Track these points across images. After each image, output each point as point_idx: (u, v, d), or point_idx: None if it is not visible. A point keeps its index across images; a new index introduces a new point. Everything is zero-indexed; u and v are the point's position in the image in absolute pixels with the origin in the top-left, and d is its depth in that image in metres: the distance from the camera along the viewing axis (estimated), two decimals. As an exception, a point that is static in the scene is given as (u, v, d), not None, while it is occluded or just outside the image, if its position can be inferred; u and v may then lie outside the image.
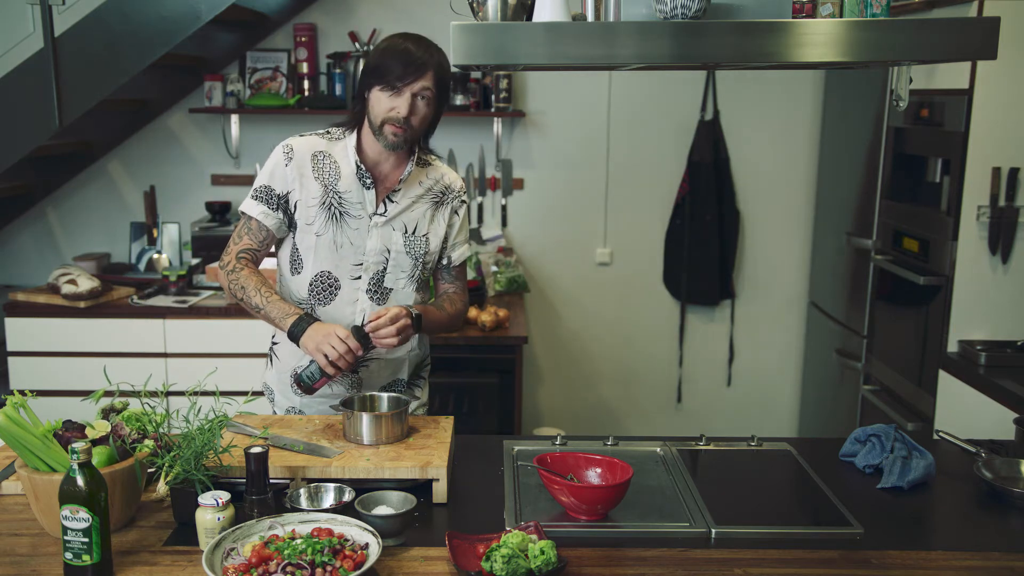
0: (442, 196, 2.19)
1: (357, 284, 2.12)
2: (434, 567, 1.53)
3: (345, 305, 2.12)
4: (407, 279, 2.15)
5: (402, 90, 1.98)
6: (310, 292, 2.12)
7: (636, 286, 4.41)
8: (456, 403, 3.43)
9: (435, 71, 1.99)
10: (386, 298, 2.14)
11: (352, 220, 2.09)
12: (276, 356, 2.23)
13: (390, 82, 1.98)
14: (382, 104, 2.01)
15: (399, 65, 1.97)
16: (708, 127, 4.24)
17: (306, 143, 2.11)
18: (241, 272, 2.08)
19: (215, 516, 1.57)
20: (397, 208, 2.12)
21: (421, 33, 2.07)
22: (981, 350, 2.87)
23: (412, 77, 1.97)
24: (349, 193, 2.09)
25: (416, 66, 1.97)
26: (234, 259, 2.10)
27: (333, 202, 2.09)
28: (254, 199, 2.10)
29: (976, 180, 2.90)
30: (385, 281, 2.13)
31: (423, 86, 1.99)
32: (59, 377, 3.57)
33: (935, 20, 1.76)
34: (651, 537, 1.66)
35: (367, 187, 2.09)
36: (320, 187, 2.08)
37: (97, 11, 3.24)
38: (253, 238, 2.11)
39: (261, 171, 2.13)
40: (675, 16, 1.66)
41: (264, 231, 2.10)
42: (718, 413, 4.54)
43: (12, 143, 3.32)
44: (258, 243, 2.11)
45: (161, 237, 4.12)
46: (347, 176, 2.09)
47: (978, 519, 1.80)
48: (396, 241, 2.12)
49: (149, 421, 1.72)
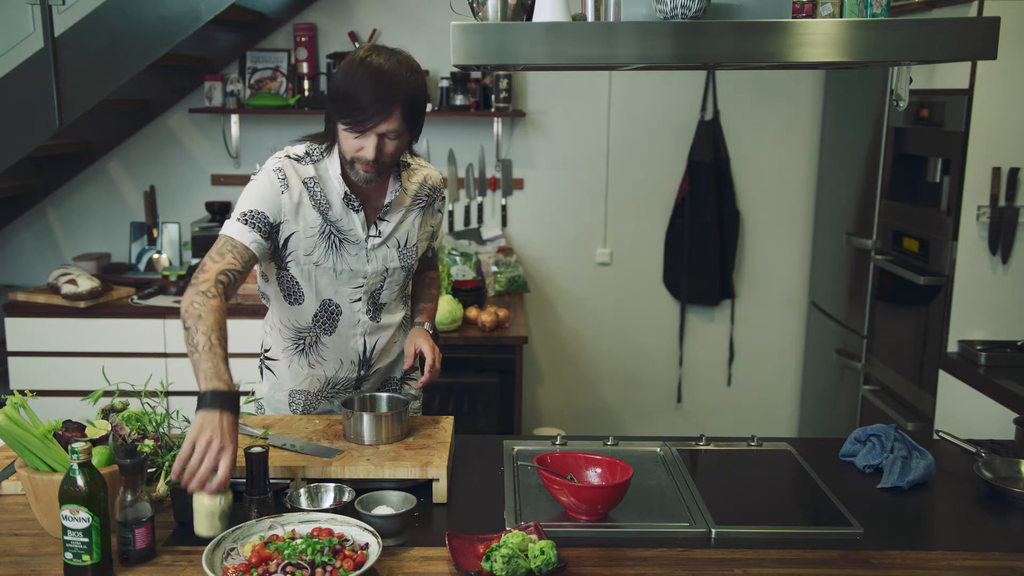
0: (428, 199, 2.12)
1: (357, 307, 2.07)
2: (434, 567, 1.53)
3: (347, 328, 2.08)
4: (399, 289, 2.13)
5: (367, 131, 1.82)
6: (314, 322, 2.06)
7: (636, 286, 4.42)
8: (456, 403, 3.43)
9: (402, 108, 1.81)
10: (379, 313, 2.11)
11: (351, 247, 2.00)
12: (272, 372, 2.15)
13: (353, 123, 1.82)
14: (349, 143, 1.86)
15: (361, 105, 1.80)
16: (708, 127, 4.24)
17: (296, 170, 1.95)
18: (210, 301, 1.75)
19: (216, 499, 1.56)
20: (390, 227, 2.04)
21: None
22: (981, 350, 2.87)
23: (375, 121, 1.81)
24: (340, 221, 1.98)
25: (380, 107, 1.79)
26: (212, 281, 1.80)
27: (332, 231, 1.98)
28: (245, 224, 1.88)
29: (976, 180, 2.90)
30: (381, 297, 2.09)
31: (387, 128, 1.82)
32: (59, 377, 3.57)
33: (935, 20, 1.76)
34: (651, 537, 1.66)
35: (355, 210, 1.98)
36: (318, 216, 1.96)
37: (97, 11, 3.24)
38: (237, 259, 1.85)
39: (249, 192, 1.94)
40: (675, 16, 1.66)
41: (249, 255, 1.88)
42: (718, 413, 4.54)
43: (12, 143, 3.32)
44: (242, 264, 1.86)
45: (161, 237, 4.13)
46: (335, 203, 1.97)
47: (978, 519, 1.80)
48: (393, 259, 2.06)
49: (149, 421, 1.72)
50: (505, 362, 3.47)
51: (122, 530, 1.50)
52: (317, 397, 2.14)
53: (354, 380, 2.14)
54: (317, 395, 2.14)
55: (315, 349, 2.09)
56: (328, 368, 2.11)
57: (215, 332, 1.71)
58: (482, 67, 1.86)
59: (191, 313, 1.74)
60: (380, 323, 2.11)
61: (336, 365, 2.11)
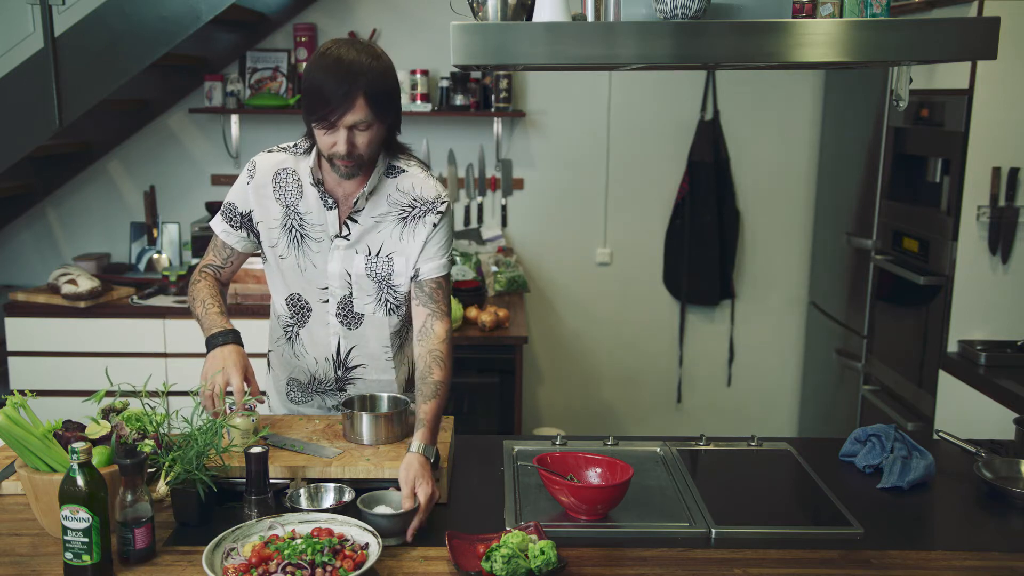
0: (411, 210, 1.96)
1: (326, 307, 2.03)
2: (434, 567, 1.53)
3: (318, 327, 2.06)
4: (375, 303, 2.01)
5: (336, 125, 1.79)
6: (290, 312, 2.06)
7: (636, 286, 4.42)
8: (456, 403, 3.43)
9: (365, 95, 1.76)
10: (358, 323, 2.03)
11: (313, 243, 1.97)
12: (270, 364, 2.20)
13: (320, 119, 1.79)
14: (322, 140, 1.84)
15: (325, 99, 1.76)
16: (708, 127, 4.24)
17: (272, 160, 1.98)
18: (197, 284, 2.01)
19: (249, 418, 1.80)
20: (360, 229, 1.96)
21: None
22: (981, 350, 2.87)
23: (339, 113, 1.77)
24: (310, 215, 1.95)
25: (339, 100, 1.75)
26: (198, 272, 2.05)
27: (294, 224, 1.96)
28: (220, 215, 2.03)
29: (976, 180, 2.90)
30: (354, 307, 2.02)
31: (354, 120, 1.78)
32: (59, 377, 3.57)
33: (935, 20, 1.76)
34: (651, 537, 1.66)
35: (328, 207, 1.94)
36: (281, 208, 1.96)
37: (97, 11, 3.24)
38: (217, 255, 2.05)
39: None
40: (675, 16, 1.66)
41: (228, 249, 2.03)
42: (718, 413, 4.54)
43: (12, 143, 3.32)
44: (222, 260, 2.05)
45: (161, 237, 4.12)
46: (309, 196, 1.95)
47: (978, 519, 1.80)
48: (357, 264, 1.97)
49: (149, 421, 1.72)
50: (505, 362, 3.47)
51: (122, 530, 1.50)
52: (307, 390, 2.14)
53: (332, 380, 2.10)
54: (307, 387, 2.14)
55: (298, 339, 2.10)
56: (309, 362, 2.10)
57: (208, 299, 1.97)
58: (482, 67, 1.86)
59: (189, 300, 2.02)
60: (356, 332, 2.05)
61: (313, 361, 2.10)
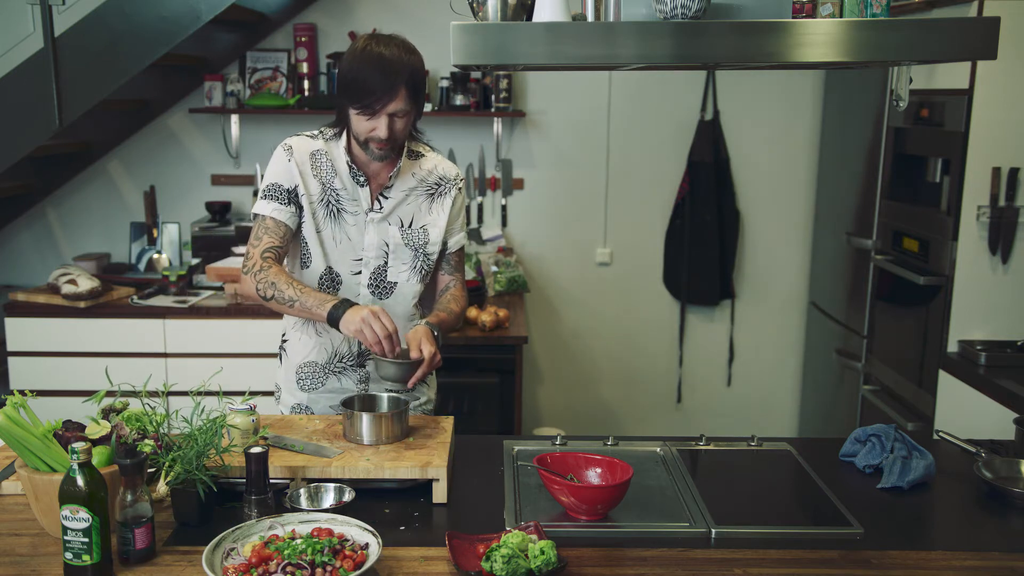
0: (437, 187, 2.20)
1: (357, 279, 2.15)
2: (434, 567, 1.53)
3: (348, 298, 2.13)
4: (409, 271, 2.17)
5: (378, 113, 1.99)
6: (320, 287, 2.14)
7: (636, 286, 4.41)
8: (456, 403, 3.43)
9: (407, 86, 1.98)
10: (389, 292, 2.17)
11: (349, 216, 2.13)
12: (285, 352, 2.24)
13: (364, 107, 1.99)
14: (361, 125, 2.02)
15: (370, 90, 1.97)
16: (708, 127, 4.24)
17: (303, 142, 2.14)
18: (269, 270, 2.03)
19: (248, 418, 1.79)
20: (392, 203, 2.15)
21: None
22: (981, 350, 2.87)
23: (384, 101, 1.98)
24: (345, 191, 2.13)
25: (387, 88, 1.96)
26: (259, 259, 2.05)
27: (331, 199, 2.12)
28: (265, 199, 2.10)
29: (976, 180, 2.90)
30: (388, 275, 2.16)
31: (397, 108, 1.99)
32: (59, 377, 3.57)
33: (935, 20, 1.76)
34: (651, 537, 1.66)
35: (361, 185, 2.12)
36: (319, 185, 2.12)
37: (97, 11, 3.24)
38: (273, 236, 2.08)
39: (266, 173, 2.14)
40: (675, 16, 1.66)
41: (282, 227, 2.09)
42: (718, 413, 4.54)
43: (12, 143, 3.32)
44: (280, 239, 2.08)
45: (161, 237, 4.12)
46: (342, 174, 2.13)
47: (978, 519, 1.80)
48: (393, 235, 2.15)
49: (149, 421, 1.72)
50: (505, 362, 3.47)
51: (122, 530, 1.50)
52: (324, 370, 2.19)
53: (356, 355, 2.18)
54: (324, 368, 2.19)
55: None
56: (335, 336, 2.15)
57: (293, 281, 2.02)
58: (482, 67, 1.86)
59: (264, 288, 2.02)
60: (385, 303, 2.16)
61: (338, 335, 2.13)
